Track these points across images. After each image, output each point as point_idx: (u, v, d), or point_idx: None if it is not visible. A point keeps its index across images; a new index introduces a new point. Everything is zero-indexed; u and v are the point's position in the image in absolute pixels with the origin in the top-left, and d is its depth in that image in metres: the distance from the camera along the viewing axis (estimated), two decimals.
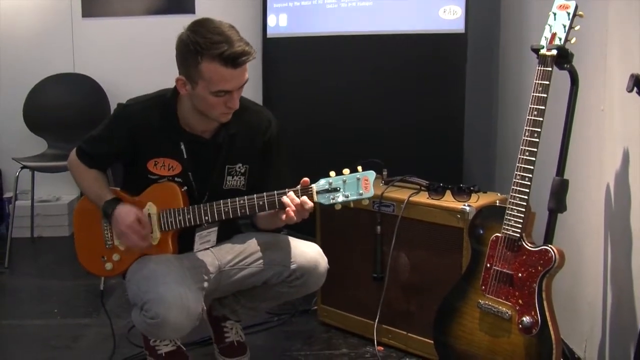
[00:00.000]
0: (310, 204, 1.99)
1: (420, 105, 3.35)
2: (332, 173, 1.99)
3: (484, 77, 3.71)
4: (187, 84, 2.01)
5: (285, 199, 2.00)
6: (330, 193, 1.98)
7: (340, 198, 1.97)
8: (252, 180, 2.25)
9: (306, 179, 2.02)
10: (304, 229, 2.60)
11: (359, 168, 1.98)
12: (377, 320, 2.52)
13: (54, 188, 4.32)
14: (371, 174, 1.97)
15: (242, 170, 2.22)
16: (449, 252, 2.35)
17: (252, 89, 2.05)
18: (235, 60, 1.92)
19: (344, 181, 1.97)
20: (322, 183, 1.99)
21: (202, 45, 1.92)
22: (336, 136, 3.51)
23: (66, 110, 4.14)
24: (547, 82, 1.90)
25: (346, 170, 1.98)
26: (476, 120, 3.59)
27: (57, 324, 2.90)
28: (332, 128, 3.54)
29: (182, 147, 2.14)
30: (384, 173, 2.65)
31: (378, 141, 3.38)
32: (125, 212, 2.11)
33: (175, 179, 2.16)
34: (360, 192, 1.96)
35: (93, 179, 2.22)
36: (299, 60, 3.69)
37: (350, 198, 1.97)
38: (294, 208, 1.99)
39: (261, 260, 2.23)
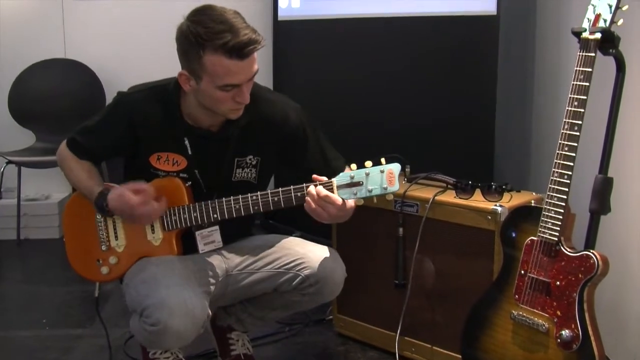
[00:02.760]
0: (332, 197, 1.98)
1: (447, 95, 3.34)
2: (354, 166, 2.00)
3: (518, 64, 3.69)
4: (191, 79, 2.02)
5: (307, 197, 2.01)
6: (352, 187, 1.99)
7: (363, 192, 1.98)
8: (265, 173, 2.27)
9: (315, 176, 2.04)
10: (319, 231, 2.62)
11: (383, 160, 1.99)
12: (399, 332, 2.53)
13: (42, 185, 4.34)
14: (396, 167, 1.98)
15: (254, 163, 2.24)
16: (478, 256, 2.35)
17: (262, 78, 2.06)
18: (240, 50, 1.93)
19: (367, 174, 1.98)
20: (343, 176, 2.00)
21: (204, 36, 1.93)
22: (354, 129, 3.51)
23: (56, 100, 4.17)
24: (590, 69, 1.89)
25: (369, 163, 1.99)
26: (509, 111, 3.58)
27: (46, 335, 2.92)
28: (349, 120, 3.54)
29: (187, 142, 2.16)
30: (406, 170, 2.66)
31: (400, 135, 3.38)
32: (118, 195, 2.10)
33: (180, 174, 2.18)
34: (385, 186, 1.97)
35: (85, 172, 2.23)
36: (314, 46, 3.69)
37: (374, 193, 1.98)
38: (313, 203, 1.99)
39: (272, 265, 2.25)
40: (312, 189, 2.01)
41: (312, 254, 2.23)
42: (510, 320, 2.06)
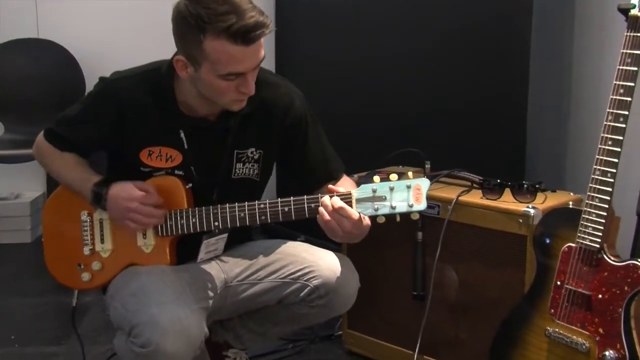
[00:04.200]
0: (349, 210, 1.98)
1: (473, 81, 3.33)
2: (377, 178, 2.00)
3: (554, 47, 3.68)
4: (189, 65, 2.02)
5: (320, 208, 2.01)
6: (373, 202, 1.99)
7: (386, 209, 1.98)
8: (267, 169, 2.27)
9: (331, 186, 2.04)
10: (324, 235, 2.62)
11: (410, 174, 1.99)
12: (417, 350, 2.53)
13: (12, 183, 4.36)
14: (425, 182, 1.98)
15: (256, 157, 2.24)
16: (508, 265, 2.35)
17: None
18: (246, 35, 1.92)
19: (391, 188, 1.98)
20: (364, 189, 2.00)
21: (205, 18, 1.92)
22: (366, 119, 3.51)
23: (28, 85, 4.17)
24: (639, 52, 1.89)
25: (394, 176, 1.98)
26: (543, 100, 3.57)
27: (15, 353, 2.93)
28: (361, 109, 3.54)
29: (182, 135, 2.16)
30: (426, 166, 2.66)
31: (418, 126, 3.37)
32: (125, 187, 2.12)
33: (175, 171, 2.18)
34: (411, 203, 1.97)
35: (73, 163, 2.24)
36: (321, 24, 3.70)
37: (398, 210, 1.98)
38: (327, 215, 2.00)
39: (276, 274, 2.24)
40: (326, 199, 2.01)
41: (322, 261, 2.23)
42: (545, 338, 2.06)
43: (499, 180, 2.43)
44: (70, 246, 2.25)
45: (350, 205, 2.00)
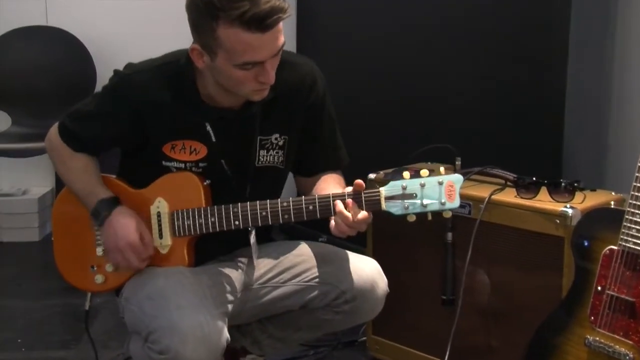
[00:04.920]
0: (366, 216, 2.00)
1: (507, 73, 3.32)
2: (407, 174, 1.99)
3: (596, 36, 3.65)
4: (204, 54, 2.02)
5: (340, 206, 2.01)
6: (403, 200, 1.99)
7: (417, 207, 1.98)
8: (292, 156, 2.28)
9: (359, 181, 2.04)
10: (350, 235, 2.61)
11: (442, 169, 1.98)
12: (446, 358, 2.52)
13: (19, 178, 4.38)
14: (458, 179, 1.98)
15: (280, 143, 2.24)
16: (543, 269, 2.34)
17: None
18: (262, 22, 1.91)
19: (422, 185, 1.97)
20: (394, 186, 1.99)
21: (217, 5, 1.91)
22: (393, 112, 3.50)
23: (36, 76, 4.19)
24: None
25: (425, 171, 1.98)
26: (582, 93, 3.55)
27: (21, 357, 2.95)
28: (387, 101, 3.53)
29: (209, 128, 2.16)
30: (456, 163, 2.66)
31: (448, 119, 3.37)
32: (126, 224, 2.14)
33: (200, 164, 2.18)
34: (443, 200, 1.97)
35: (81, 169, 2.25)
36: (348, 7, 3.69)
37: (430, 208, 1.97)
38: (347, 223, 2.00)
39: (300, 277, 2.24)
40: (341, 206, 2.02)
41: (349, 264, 2.22)
42: (585, 347, 2.04)
43: (534, 178, 2.41)
44: (82, 246, 2.25)
45: (379, 203, 1.99)
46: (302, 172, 2.35)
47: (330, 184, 2.23)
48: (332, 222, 2.04)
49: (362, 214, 2.00)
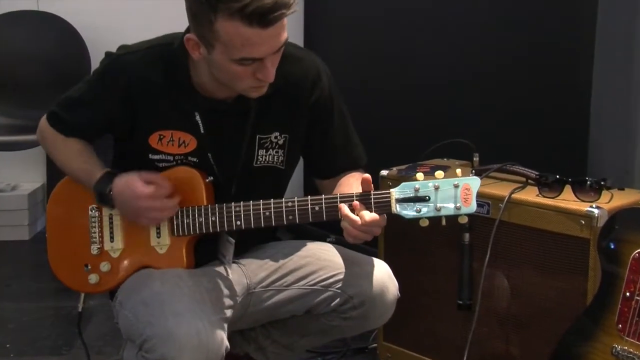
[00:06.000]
0: (376, 218, 1.99)
1: (525, 58, 3.31)
2: (420, 175, 1.99)
3: (624, 19, 3.64)
4: (201, 45, 2.02)
5: (345, 209, 2.01)
6: (415, 203, 1.98)
7: (430, 211, 1.97)
8: (293, 156, 2.28)
9: (367, 175, 2.03)
10: None
11: (458, 171, 1.98)
12: None
13: (9, 173, 4.39)
14: (475, 182, 1.97)
15: (280, 142, 2.24)
16: (567, 272, 2.34)
17: (289, 31, 2.03)
18: (264, 16, 1.90)
19: (436, 187, 1.97)
20: (406, 187, 1.99)
21: None
22: (406, 104, 3.50)
23: (26, 63, 4.21)
24: None
25: (439, 173, 1.97)
26: (609, 85, 3.54)
27: None
28: (399, 92, 3.53)
29: (198, 118, 2.16)
30: (474, 159, 2.66)
31: (466, 112, 3.36)
32: (126, 181, 2.12)
33: (189, 158, 2.19)
34: (458, 205, 1.96)
35: (76, 152, 2.25)
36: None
37: (444, 212, 1.97)
38: (355, 226, 1.99)
39: (306, 280, 2.24)
40: (348, 212, 2.01)
41: (357, 266, 2.22)
42: (612, 357, 2.04)
43: (557, 176, 2.41)
44: (76, 244, 2.26)
45: (389, 205, 1.99)
46: (319, 174, 2.35)
47: (351, 186, 2.20)
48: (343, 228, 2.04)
49: (371, 215, 1.98)
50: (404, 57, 3.53)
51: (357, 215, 1.99)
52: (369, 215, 1.98)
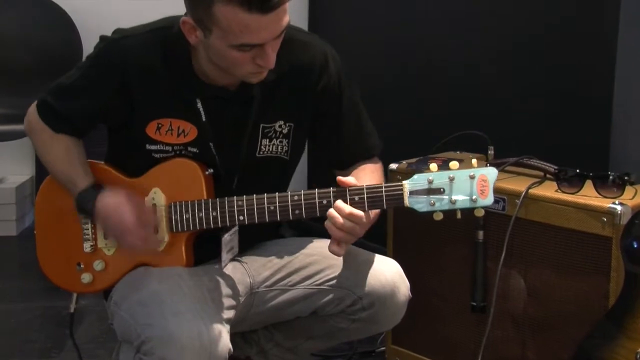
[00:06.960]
0: (359, 214, 2.00)
1: (547, 53, 3.32)
2: (434, 165, 1.98)
3: None
4: (197, 29, 2.01)
5: (332, 211, 2.01)
6: (429, 195, 1.97)
7: (445, 204, 1.97)
8: (298, 146, 2.28)
9: (342, 178, 2.03)
10: (368, 233, 2.60)
11: (474, 162, 1.97)
12: None
13: None
14: (492, 172, 1.96)
15: (285, 131, 2.24)
16: (588, 273, 2.33)
17: (293, 15, 2.03)
18: (263, 2, 1.90)
19: (451, 179, 1.96)
20: (419, 179, 1.98)
21: None
22: (417, 94, 3.51)
23: (16, 49, 4.21)
24: None
25: (454, 163, 1.96)
26: (632, 77, 3.54)
27: None
28: (410, 81, 3.53)
29: (199, 105, 2.16)
30: (489, 152, 2.67)
31: (480, 103, 3.36)
32: (114, 205, 2.12)
33: (189, 148, 2.18)
34: (474, 197, 1.95)
35: (62, 153, 2.24)
36: None
37: (459, 205, 1.96)
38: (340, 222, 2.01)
39: (312, 280, 2.25)
40: (339, 203, 2.01)
41: (366, 266, 2.22)
42: None
43: (578, 170, 2.41)
44: (67, 242, 2.25)
45: (401, 198, 1.99)
46: (331, 164, 2.34)
47: (365, 177, 2.21)
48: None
49: (352, 211, 1.99)
50: (415, 45, 3.53)
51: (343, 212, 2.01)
52: (347, 209, 1.99)
